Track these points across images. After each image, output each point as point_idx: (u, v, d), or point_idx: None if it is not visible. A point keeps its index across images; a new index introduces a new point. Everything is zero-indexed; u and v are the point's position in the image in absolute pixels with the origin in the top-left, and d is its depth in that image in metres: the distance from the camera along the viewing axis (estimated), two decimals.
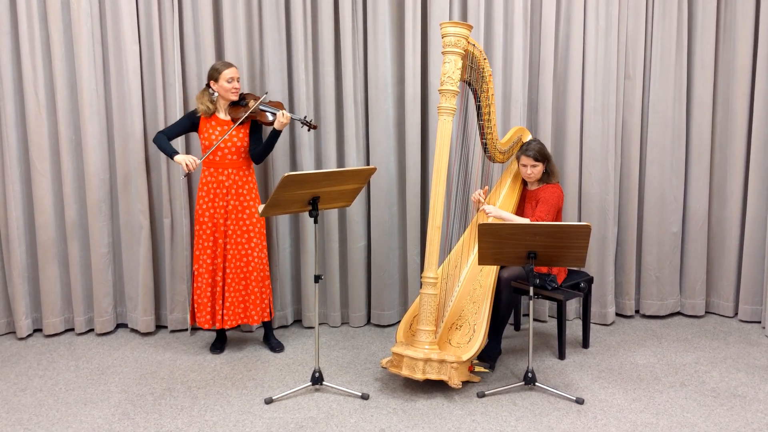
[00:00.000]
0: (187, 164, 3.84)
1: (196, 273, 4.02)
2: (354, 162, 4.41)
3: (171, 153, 3.90)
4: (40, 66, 4.21)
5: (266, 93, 4.07)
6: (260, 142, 4.00)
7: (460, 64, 3.48)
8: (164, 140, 3.92)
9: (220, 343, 4.17)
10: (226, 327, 4.02)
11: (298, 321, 4.65)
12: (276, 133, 3.94)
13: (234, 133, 3.91)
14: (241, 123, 3.91)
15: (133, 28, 4.20)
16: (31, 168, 4.28)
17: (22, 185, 4.33)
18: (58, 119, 4.26)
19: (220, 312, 4.00)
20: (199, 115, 3.95)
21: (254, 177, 4.07)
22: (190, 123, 3.98)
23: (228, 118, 3.96)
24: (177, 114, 4.24)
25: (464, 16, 4.37)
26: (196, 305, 4.04)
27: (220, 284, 3.99)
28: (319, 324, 4.01)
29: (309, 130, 4.20)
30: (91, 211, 4.33)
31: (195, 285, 4.04)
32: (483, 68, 3.66)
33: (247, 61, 4.27)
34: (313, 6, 4.30)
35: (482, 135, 3.87)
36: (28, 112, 4.22)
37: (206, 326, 4.03)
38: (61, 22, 4.18)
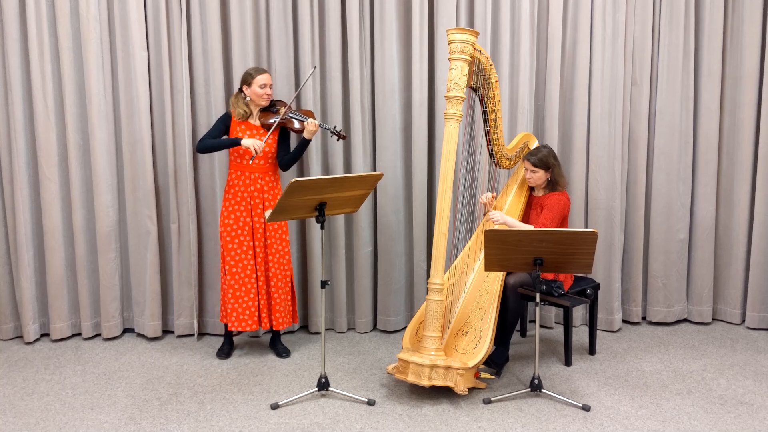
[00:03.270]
0: (255, 149, 3.84)
1: (224, 275, 4.03)
2: (361, 168, 4.42)
3: (233, 141, 3.88)
4: (48, 71, 4.23)
5: (314, 67, 4.02)
6: (288, 150, 4.04)
7: (466, 70, 3.49)
8: (212, 141, 3.92)
9: (226, 348, 4.18)
10: (259, 330, 4.01)
11: (304, 326, 4.65)
12: (305, 142, 3.97)
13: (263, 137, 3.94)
14: (271, 130, 3.93)
15: (142, 34, 4.22)
16: (39, 173, 4.31)
17: (31, 190, 4.35)
18: (66, 124, 4.28)
19: (256, 314, 4.01)
20: (232, 117, 3.98)
21: (280, 183, 4.08)
22: (224, 127, 3.99)
23: (258, 123, 3.99)
24: (185, 119, 4.26)
25: (471, 22, 4.38)
26: (226, 308, 4.04)
27: (252, 288, 4.00)
28: (326, 330, 4.02)
29: (338, 140, 4.19)
30: (98, 216, 4.35)
31: (223, 288, 4.04)
32: (489, 74, 3.67)
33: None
34: (321, 12, 4.31)
35: (488, 141, 3.87)
36: (37, 118, 4.24)
37: (233, 328, 4.03)
38: (70, 28, 4.21)
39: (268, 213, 3.39)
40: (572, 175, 4.49)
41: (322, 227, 3.50)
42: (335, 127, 4.02)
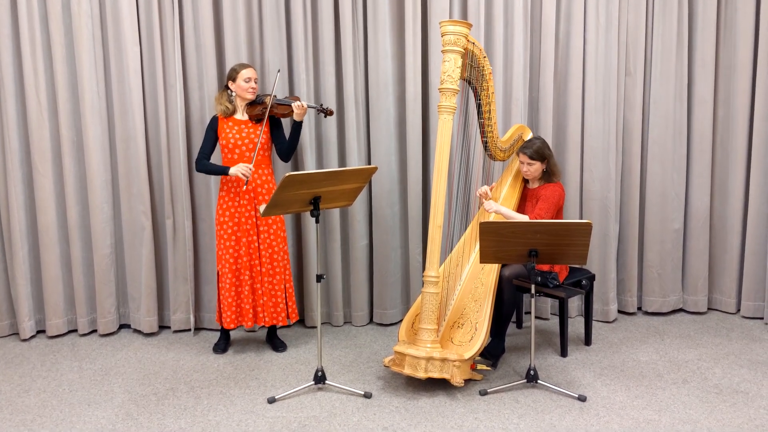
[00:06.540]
0: (243, 174, 3.85)
1: (220, 273, 4.02)
2: (355, 161, 4.42)
3: (222, 170, 3.90)
4: (41, 68, 4.22)
5: (278, 71, 4.06)
6: (284, 139, 4.02)
7: (459, 62, 3.48)
8: (208, 164, 3.95)
9: (223, 343, 4.17)
10: (255, 326, 4.00)
11: (300, 320, 4.65)
12: (297, 125, 3.96)
13: (252, 129, 3.94)
14: (260, 121, 3.93)
15: (134, 30, 4.21)
16: (33, 170, 4.30)
17: (24, 187, 4.35)
18: (59, 121, 4.27)
19: (250, 311, 4.00)
20: (216, 116, 3.97)
21: (273, 177, 4.07)
22: (214, 133, 3.98)
23: (245, 117, 3.98)
24: (178, 114, 4.25)
25: (464, 14, 4.37)
26: (222, 306, 4.03)
27: (247, 284, 3.99)
28: (322, 323, 4.03)
29: (326, 117, 4.19)
30: (93, 213, 4.34)
31: (219, 285, 4.03)
32: (483, 66, 3.66)
33: (248, 61, 4.27)
34: (314, 5, 4.30)
35: (483, 133, 3.87)
36: (30, 114, 4.23)
37: (231, 326, 4.03)
38: (62, 24, 4.20)
39: (262, 207, 3.39)
40: (567, 166, 4.50)
41: (317, 221, 3.50)
42: (321, 104, 4.02)
